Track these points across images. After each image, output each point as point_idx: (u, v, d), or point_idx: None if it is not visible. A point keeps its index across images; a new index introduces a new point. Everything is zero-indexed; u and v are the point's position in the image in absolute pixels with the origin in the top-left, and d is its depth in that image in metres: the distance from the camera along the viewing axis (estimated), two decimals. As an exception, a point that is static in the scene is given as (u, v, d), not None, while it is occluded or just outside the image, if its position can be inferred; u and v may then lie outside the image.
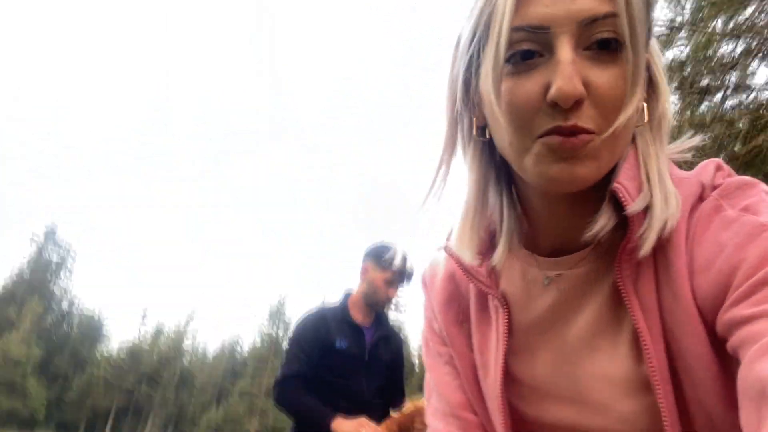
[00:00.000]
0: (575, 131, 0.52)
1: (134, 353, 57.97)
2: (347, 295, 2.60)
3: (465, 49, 0.60)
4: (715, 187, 0.59)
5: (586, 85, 0.52)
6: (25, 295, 53.14)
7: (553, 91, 0.52)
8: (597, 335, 0.62)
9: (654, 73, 0.61)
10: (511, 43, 0.54)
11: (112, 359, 56.90)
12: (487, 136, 0.62)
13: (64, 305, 61.39)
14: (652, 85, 0.61)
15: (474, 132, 0.64)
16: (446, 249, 0.68)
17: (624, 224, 0.57)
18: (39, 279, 55.91)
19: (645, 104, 0.58)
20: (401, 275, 2.51)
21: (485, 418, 0.71)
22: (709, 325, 0.53)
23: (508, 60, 0.54)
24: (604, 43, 0.53)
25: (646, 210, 0.56)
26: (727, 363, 0.53)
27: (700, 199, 0.58)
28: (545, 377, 0.66)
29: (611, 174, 0.57)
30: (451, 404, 0.72)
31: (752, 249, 0.50)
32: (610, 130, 0.53)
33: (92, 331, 63.48)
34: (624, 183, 0.56)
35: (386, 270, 2.47)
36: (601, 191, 0.58)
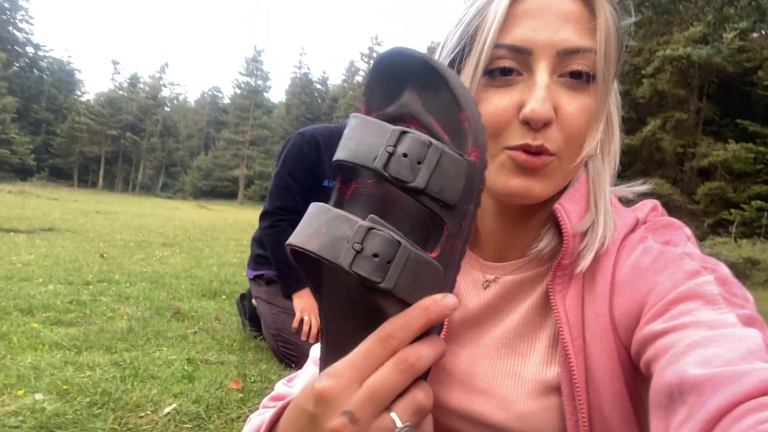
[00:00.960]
0: (540, 151, 0.58)
1: (113, 102, 57.41)
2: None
3: (448, 54, 0.65)
4: (646, 223, 0.65)
5: (556, 109, 0.59)
6: (-18, 40, 50.05)
7: (527, 111, 0.57)
8: (518, 337, 0.67)
9: (611, 110, 0.67)
10: (493, 58, 0.59)
11: (91, 108, 56.52)
12: None
13: (29, 51, 58.37)
14: (608, 121, 0.68)
15: None
16: None
17: (562, 239, 0.63)
18: (-7, 21, 51.94)
19: (601, 136, 0.65)
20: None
21: None
22: (621, 344, 0.58)
23: (489, 73, 0.60)
24: (577, 73, 0.59)
25: (587, 230, 0.63)
26: (629, 381, 0.58)
27: (632, 230, 0.64)
28: (465, 368, 0.70)
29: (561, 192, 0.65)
30: None
31: (666, 273, 0.55)
32: (578, 160, 0.61)
33: (65, 77, 61.78)
34: (565, 205, 0.64)
35: None
36: (547, 206, 0.66)
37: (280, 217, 2.60)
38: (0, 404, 2.16)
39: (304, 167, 2.16)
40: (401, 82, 0.46)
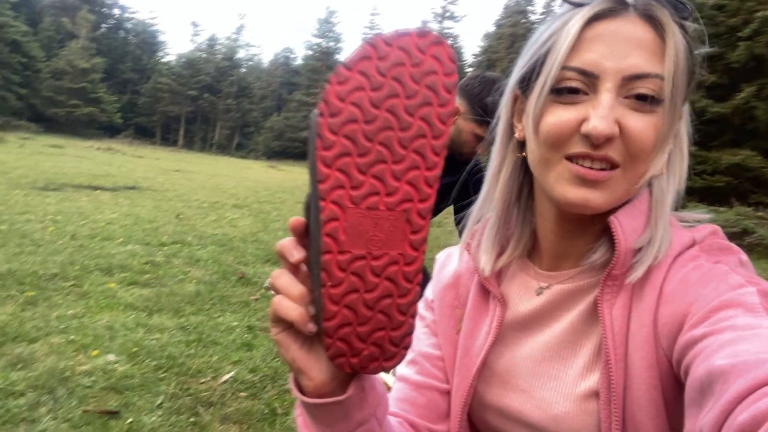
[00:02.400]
0: (603, 161, 0.61)
1: (192, 63, 59.39)
2: None
3: (522, 72, 0.69)
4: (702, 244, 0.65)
5: (621, 127, 0.60)
6: (75, 2, 52.72)
7: (589, 126, 0.60)
8: (563, 343, 0.70)
9: (681, 133, 0.68)
10: (562, 78, 0.63)
11: (173, 69, 58.85)
12: (524, 153, 0.71)
13: (116, 13, 61.13)
14: (677, 144, 0.68)
15: (513, 146, 0.74)
16: (467, 248, 0.79)
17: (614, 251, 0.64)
18: (84, -15, 54.55)
19: (668, 156, 0.66)
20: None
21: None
22: (663, 354, 0.60)
23: (557, 91, 0.63)
24: (642, 96, 0.61)
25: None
26: (667, 392, 0.60)
27: (687, 249, 0.65)
28: (509, 367, 0.74)
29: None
30: (415, 351, 0.82)
31: (711, 285, 0.57)
32: (642, 179, 0.64)
33: (149, 38, 64.41)
34: (621, 218, 0.64)
35: (483, 126, 1.88)
36: (605, 219, 0.66)
37: None
38: (76, 363, 2.36)
39: None
40: None
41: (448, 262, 0.86)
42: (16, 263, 3.85)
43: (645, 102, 0.61)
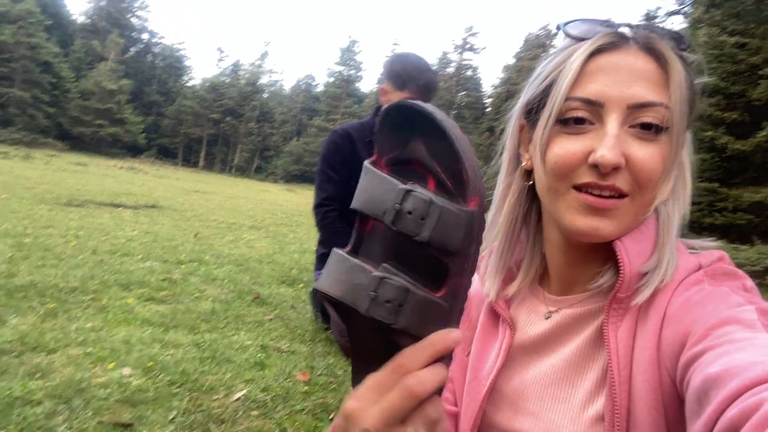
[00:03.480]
0: (611, 190, 0.63)
1: (216, 87, 60.62)
2: (376, 112, 2.40)
3: (528, 104, 0.72)
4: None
5: (627, 156, 0.62)
6: (106, 26, 54.38)
7: (597, 156, 0.61)
8: (571, 367, 0.71)
9: (683, 159, 0.70)
10: (568, 109, 0.64)
11: (197, 92, 60.08)
12: (531, 181, 0.74)
13: (144, 37, 62.91)
14: (681, 170, 0.70)
15: (520, 174, 0.76)
16: (477, 272, 0.79)
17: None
18: (117, 9, 56.30)
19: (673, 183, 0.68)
20: (422, 91, 2.16)
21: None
22: (666, 375, 0.60)
23: (564, 122, 0.65)
24: (647, 125, 0.62)
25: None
26: (669, 414, 0.60)
27: (692, 273, 0.66)
28: (518, 390, 0.76)
29: None
30: None
31: (711, 305, 0.58)
32: (652, 206, 0.66)
33: (175, 62, 66.03)
34: (626, 243, 0.65)
35: (405, 89, 2.18)
36: (612, 243, 0.66)
37: (328, 207, 2.74)
38: (93, 375, 2.39)
39: (342, 158, 2.31)
40: (409, 130, 0.51)
41: None
42: (38, 275, 3.93)
43: (650, 131, 0.63)
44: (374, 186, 0.49)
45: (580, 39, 0.68)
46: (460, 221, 0.47)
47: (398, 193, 0.47)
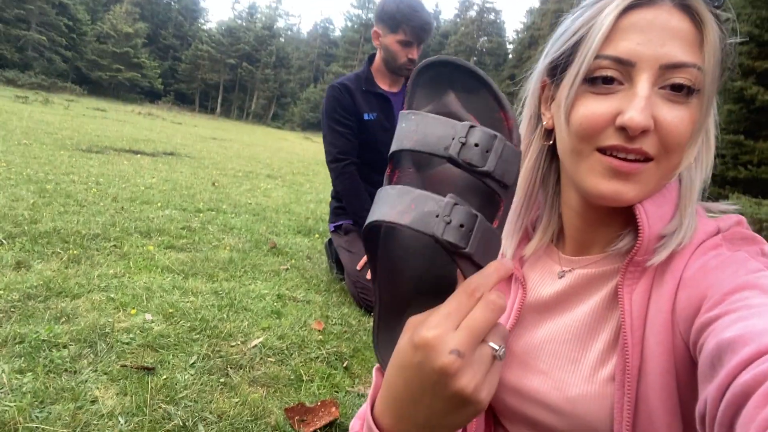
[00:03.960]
0: (637, 154, 0.61)
1: (232, 31, 59.58)
2: (370, 61, 2.30)
3: (553, 61, 0.70)
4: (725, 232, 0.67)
5: (655, 119, 0.60)
6: (120, -33, 53.23)
7: (625, 118, 0.59)
8: (584, 327, 0.71)
9: (709, 123, 0.67)
10: (597, 67, 0.62)
11: (213, 36, 59.15)
12: (551, 141, 0.73)
13: (159, -22, 61.57)
14: (706, 134, 0.68)
15: (540, 133, 0.75)
16: None
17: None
18: (130, -51, 54.95)
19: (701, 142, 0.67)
20: (417, 33, 2.12)
21: None
22: (680, 339, 0.60)
23: (591, 81, 0.63)
24: (678, 86, 0.60)
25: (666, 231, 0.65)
26: (681, 378, 0.60)
27: (710, 237, 0.65)
28: (528, 349, 0.75)
29: None
30: None
31: (729, 270, 0.58)
32: (677, 170, 0.64)
33: (191, 4, 64.80)
34: (647, 206, 0.65)
35: (398, 30, 2.12)
36: (632, 206, 0.66)
37: (344, 161, 2.70)
38: (115, 320, 2.48)
39: (344, 110, 2.29)
40: (442, 85, 0.52)
41: None
42: (60, 222, 4.03)
43: (680, 93, 0.61)
44: (428, 126, 0.49)
45: None
46: (516, 158, 0.50)
47: (462, 127, 0.48)
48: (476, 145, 0.47)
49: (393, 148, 0.52)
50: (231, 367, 2.22)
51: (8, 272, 2.89)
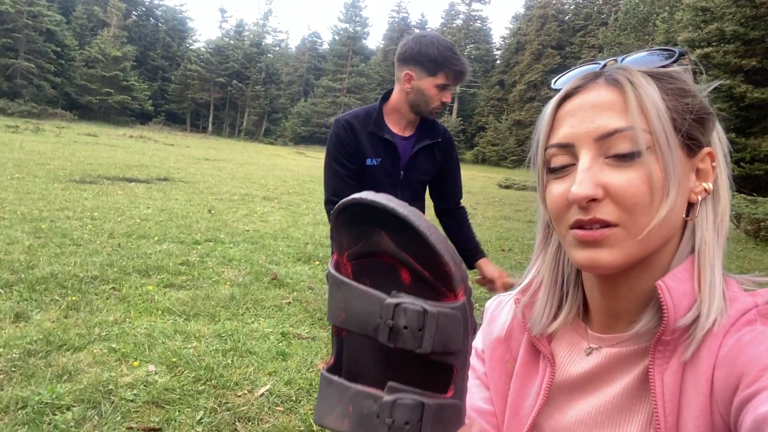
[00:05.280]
0: (596, 223, 0.62)
1: (221, 49, 59.81)
2: (384, 100, 2.16)
3: (532, 155, 0.74)
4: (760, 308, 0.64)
5: (605, 187, 0.62)
6: (106, -9, 53.44)
7: (570, 193, 0.63)
8: (616, 409, 0.68)
9: (718, 173, 0.68)
10: (551, 156, 0.67)
11: (201, 55, 59.35)
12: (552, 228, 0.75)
13: (146, 0, 61.80)
14: (715, 185, 0.68)
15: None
16: (516, 302, 0.79)
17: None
18: (115, -27, 55.17)
19: (700, 198, 0.67)
20: (458, 77, 2.02)
21: None
22: (720, 420, 0.58)
23: (552, 170, 0.67)
24: (620, 154, 0.62)
25: (691, 309, 0.63)
26: None
27: (744, 314, 0.63)
28: (561, 430, 0.73)
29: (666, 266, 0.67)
30: (468, 406, 0.78)
31: (765, 345, 0.56)
32: (647, 228, 0.62)
33: (178, 25, 65.07)
34: (668, 282, 0.64)
35: (438, 74, 2.00)
36: (650, 279, 0.67)
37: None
38: (118, 374, 2.43)
39: (346, 151, 2.17)
40: (368, 224, 0.48)
41: (498, 314, 0.85)
42: (57, 265, 3.97)
43: (624, 158, 0.63)
44: (354, 301, 0.46)
45: (557, 89, 0.71)
46: (457, 320, 0.46)
47: (386, 308, 0.44)
48: (405, 328, 0.43)
49: (328, 318, 0.50)
50: (239, 421, 2.17)
51: (7, 326, 2.83)
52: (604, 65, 0.70)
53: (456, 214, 2.25)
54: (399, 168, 2.11)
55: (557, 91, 0.73)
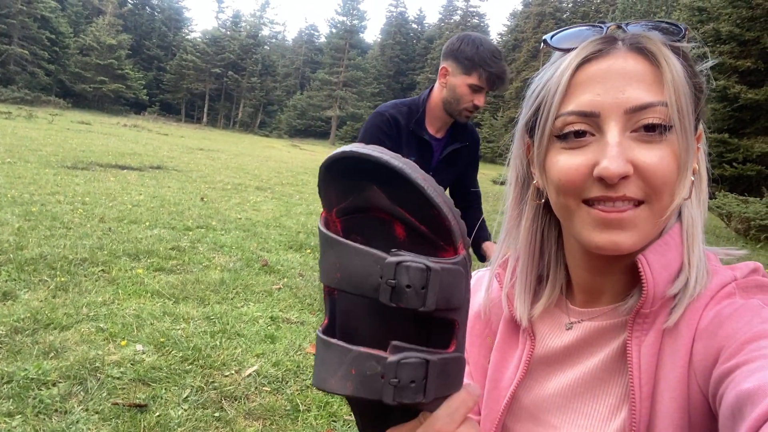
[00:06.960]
0: (624, 200, 0.60)
1: (217, 40, 59.45)
2: (427, 95, 2.10)
3: (527, 120, 0.70)
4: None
5: (634, 163, 0.59)
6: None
7: (600, 168, 0.59)
8: (594, 380, 0.69)
9: (700, 156, 0.68)
10: (565, 124, 0.63)
11: (197, 46, 58.96)
12: (543, 199, 0.72)
13: (142, -11, 61.32)
14: (700, 167, 0.68)
15: (532, 193, 0.74)
16: (497, 277, 0.80)
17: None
18: (111, -40, 54.67)
19: (693, 178, 0.65)
20: (492, 80, 1.97)
21: None
22: (698, 392, 0.59)
23: (563, 137, 0.63)
24: (650, 126, 0.59)
25: (674, 281, 0.64)
26: (692, 430, 0.59)
27: (724, 287, 0.63)
28: (540, 404, 0.75)
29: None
30: None
31: (744, 319, 0.57)
32: (671, 208, 0.62)
33: (174, 14, 64.60)
34: (649, 257, 0.63)
35: (472, 74, 1.96)
36: (634, 254, 0.64)
37: None
38: (105, 353, 2.42)
39: (386, 145, 2.16)
40: (357, 178, 0.45)
41: (478, 289, 0.85)
42: (47, 247, 3.96)
43: (654, 132, 0.60)
44: (350, 261, 0.43)
45: (567, 50, 0.66)
46: (459, 275, 0.44)
47: (387, 267, 0.41)
48: (408, 286, 0.41)
49: (321, 279, 0.46)
50: (225, 400, 2.18)
51: (-6, 304, 2.82)
52: (608, 28, 0.67)
53: (470, 200, 2.30)
54: (429, 169, 2.11)
55: (552, 47, 0.70)
